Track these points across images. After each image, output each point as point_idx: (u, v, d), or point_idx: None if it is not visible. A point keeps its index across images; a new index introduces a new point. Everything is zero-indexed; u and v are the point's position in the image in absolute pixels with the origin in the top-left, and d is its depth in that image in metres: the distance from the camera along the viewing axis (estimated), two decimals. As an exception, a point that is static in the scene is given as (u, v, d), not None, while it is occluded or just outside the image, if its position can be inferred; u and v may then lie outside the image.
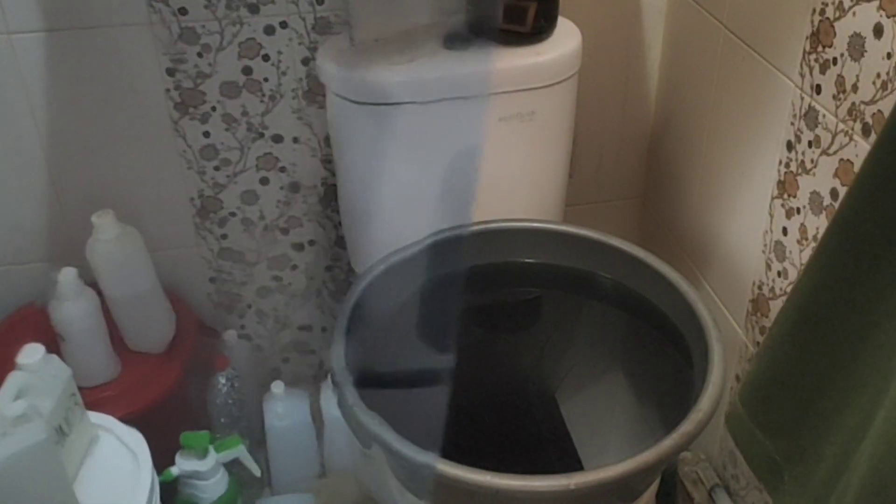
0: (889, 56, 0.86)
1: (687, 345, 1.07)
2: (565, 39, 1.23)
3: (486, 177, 1.26)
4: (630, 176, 1.55)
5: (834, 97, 0.96)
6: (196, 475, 1.24)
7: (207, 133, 1.33)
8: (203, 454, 1.24)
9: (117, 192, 1.35)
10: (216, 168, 1.37)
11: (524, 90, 1.19)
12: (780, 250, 1.12)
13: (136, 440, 1.09)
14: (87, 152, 1.32)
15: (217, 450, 1.27)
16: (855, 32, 0.91)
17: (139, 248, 1.29)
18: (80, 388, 1.07)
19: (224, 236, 1.44)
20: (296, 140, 1.37)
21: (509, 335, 1.25)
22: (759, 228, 1.16)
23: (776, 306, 1.14)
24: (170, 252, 1.42)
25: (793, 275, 1.09)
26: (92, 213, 1.25)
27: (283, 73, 1.31)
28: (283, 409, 1.42)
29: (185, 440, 1.24)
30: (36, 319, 1.34)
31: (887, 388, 0.63)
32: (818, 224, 1.02)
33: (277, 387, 1.42)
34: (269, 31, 1.27)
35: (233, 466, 1.33)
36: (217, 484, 1.26)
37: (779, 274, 1.12)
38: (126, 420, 1.13)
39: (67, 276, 1.23)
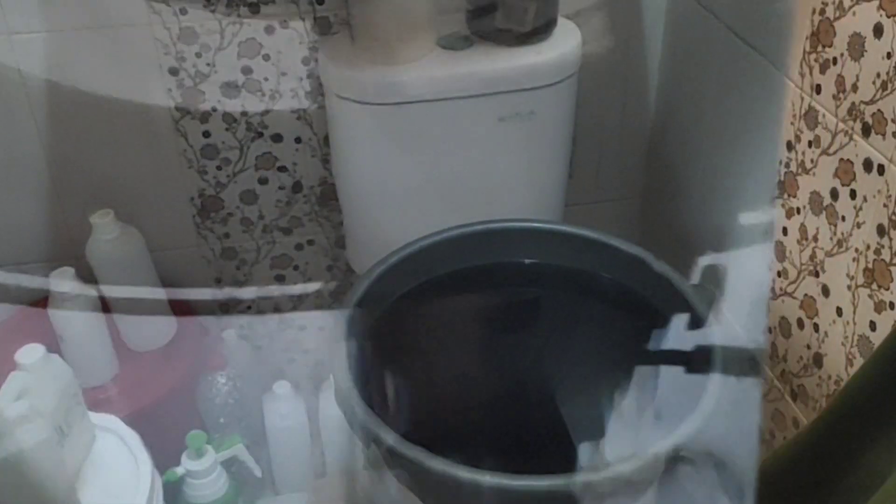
0: (889, 56, 0.86)
1: (687, 345, 1.07)
2: (565, 39, 1.23)
3: (486, 177, 1.26)
4: (630, 176, 1.55)
5: (834, 97, 0.96)
6: (197, 475, 1.24)
7: (208, 133, 1.33)
8: (202, 454, 1.25)
9: (117, 192, 1.35)
10: (217, 168, 1.37)
11: (524, 90, 1.19)
12: (780, 250, 1.12)
13: (136, 440, 1.09)
14: (87, 152, 1.32)
15: (217, 450, 1.27)
16: (855, 32, 0.91)
17: (139, 248, 1.29)
18: (80, 389, 1.07)
19: (225, 236, 1.44)
20: (296, 140, 1.37)
21: (509, 335, 1.24)
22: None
23: (776, 306, 1.14)
24: (170, 252, 1.42)
25: (793, 275, 1.09)
26: (92, 213, 1.25)
27: (283, 74, 1.31)
28: (286, 409, 1.42)
29: (189, 440, 1.24)
30: (36, 319, 1.34)
31: None
32: (818, 224, 1.02)
33: (281, 387, 1.42)
34: (269, 31, 1.27)
35: (233, 466, 1.33)
36: (217, 484, 1.26)
37: (779, 274, 1.12)
38: (126, 420, 1.13)
39: (67, 276, 1.23)
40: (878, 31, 0.88)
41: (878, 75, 0.88)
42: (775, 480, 0.80)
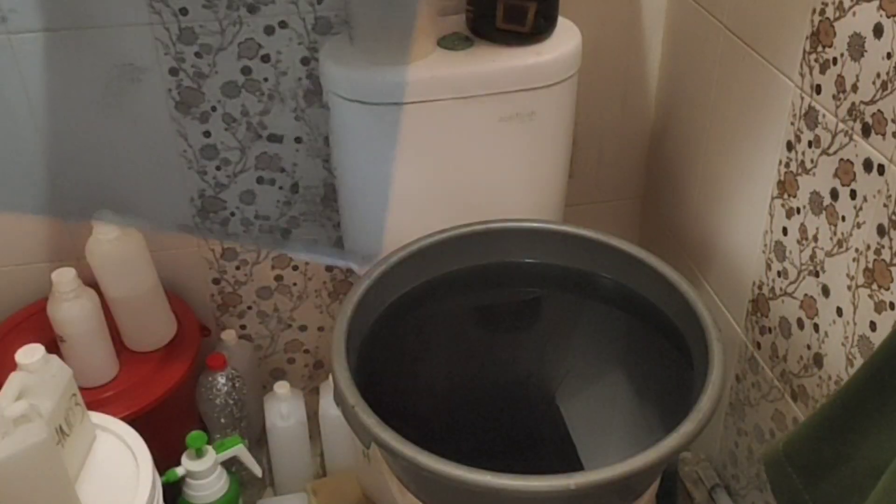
0: (889, 56, 0.86)
1: (687, 345, 1.07)
2: (565, 39, 1.23)
3: (486, 177, 1.26)
4: (630, 176, 1.55)
5: (834, 97, 0.96)
6: (197, 475, 1.24)
7: (208, 133, 1.33)
8: (202, 454, 1.25)
9: (117, 192, 1.35)
10: (217, 168, 1.37)
11: (524, 90, 1.19)
12: (780, 250, 1.12)
13: (136, 440, 1.09)
14: (87, 152, 1.32)
15: (217, 450, 1.27)
16: (855, 32, 0.91)
17: (139, 248, 1.30)
18: (80, 388, 1.07)
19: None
20: (296, 140, 1.37)
21: (509, 335, 1.25)
22: (759, 228, 1.16)
23: (776, 306, 1.14)
24: (170, 252, 1.42)
25: (793, 275, 1.09)
26: (92, 213, 1.25)
27: (283, 73, 1.31)
28: (286, 409, 1.42)
29: (189, 440, 1.24)
30: (36, 319, 1.34)
31: None
32: (818, 224, 1.02)
33: (281, 387, 1.42)
34: (269, 31, 1.27)
35: (234, 466, 1.33)
36: (217, 484, 1.26)
37: (779, 274, 1.12)
38: (126, 420, 1.13)
39: (67, 276, 1.23)
40: (878, 31, 0.88)
41: (878, 75, 0.88)
42: (788, 460, 0.80)
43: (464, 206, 1.25)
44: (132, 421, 1.14)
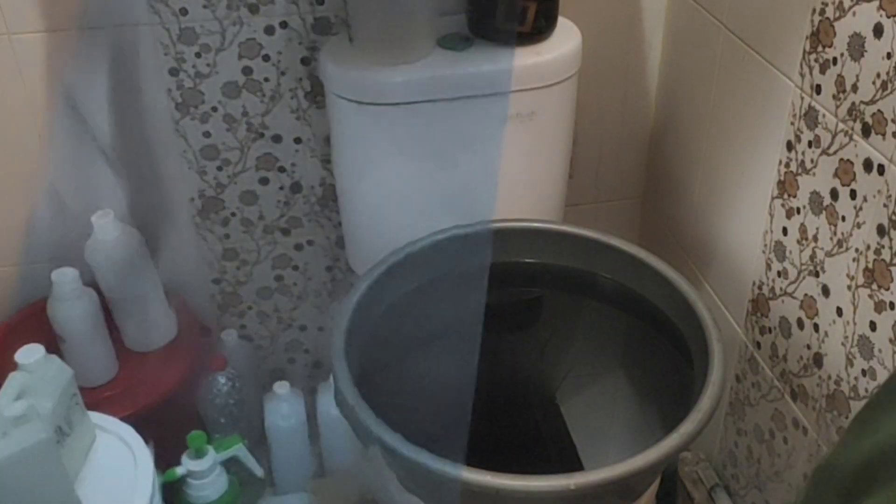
0: (889, 56, 0.86)
1: (687, 345, 1.07)
2: (565, 39, 1.23)
3: (487, 177, 1.26)
4: (630, 176, 1.55)
5: (834, 97, 0.96)
6: (197, 475, 1.24)
7: (208, 133, 1.33)
8: (202, 454, 1.25)
9: (117, 192, 1.35)
10: (218, 168, 1.37)
11: (524, 90, 1.19)
12: (780, 250, 1.12)
13: (136, 440, 1.09)
14: (86, 152, 1.32)
15: (217, 450, 1.27)
16: (855, 32, 0.91)
17: (139, 248, 1.29)
18: (80, 388, 1.07)
19: (225, 236, 1.44)
20: (296, 140, 1.37)
21: (509, 335, 1.25)
22: (759, 228, 1.16)
23: (776, 306, 1.14)
24: (170, 252, 1.42)
25: (793, 275, 1.09)
26: (92, 214, 1.25)
27: (283, 73, 1.31)
28: (286, 409, 1.42)
29: (189, 440, 1.24)
30: (36, 320, 1.34)
31: None
32: (818, 224, 1.02)
33: (281, 387, 1.42)
34: (269, 31, 1.27)
35: (234, 466, 1.33)
36: (217, 484, 1.26)
37: (779, 274, 1.12)
38: (126, 420, 1.13)
39: (67, 276, 1.23)
40: (878, 31, 0.88)
41: (878, 75, 0.88)
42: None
43: (464, 207, 1.25)
44: (132, 421, 1.14)
